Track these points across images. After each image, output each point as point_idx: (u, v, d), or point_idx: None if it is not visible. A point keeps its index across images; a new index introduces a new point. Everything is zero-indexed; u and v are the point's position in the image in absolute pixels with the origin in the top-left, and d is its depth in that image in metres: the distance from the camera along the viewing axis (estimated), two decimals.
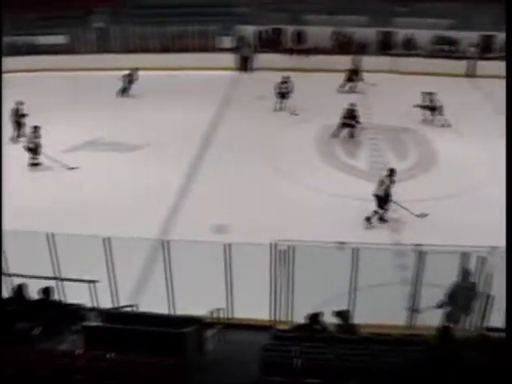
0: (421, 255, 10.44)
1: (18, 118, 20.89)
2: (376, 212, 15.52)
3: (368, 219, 15.45)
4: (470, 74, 28.93)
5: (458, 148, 20.52)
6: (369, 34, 29.99)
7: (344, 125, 21.11)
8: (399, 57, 29.51)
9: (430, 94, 22.43)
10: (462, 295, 10.75)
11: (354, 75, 26.66)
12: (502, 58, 28.60)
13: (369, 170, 18.69)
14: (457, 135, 21.65)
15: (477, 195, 16.99)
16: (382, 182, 15.48)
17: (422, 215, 15.51)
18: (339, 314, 9.81)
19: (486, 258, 10.15)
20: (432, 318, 10.59)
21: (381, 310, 11.05)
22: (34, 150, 18.72)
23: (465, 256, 10.39)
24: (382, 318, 10.74)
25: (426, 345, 8.11)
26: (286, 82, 23.81)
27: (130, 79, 25.81)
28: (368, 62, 28.01)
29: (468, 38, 29.84)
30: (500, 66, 28.05)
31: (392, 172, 15.58)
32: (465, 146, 20.71)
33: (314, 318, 9.47)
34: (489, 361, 7.52)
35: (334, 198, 16.68)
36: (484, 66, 28.55)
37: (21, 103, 20.87)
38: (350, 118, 21.05)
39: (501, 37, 29.50)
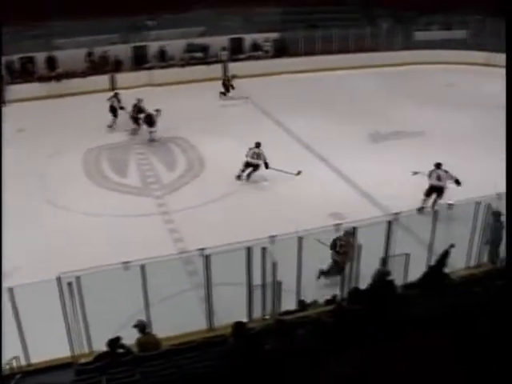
0: (207, 258, 10.64)
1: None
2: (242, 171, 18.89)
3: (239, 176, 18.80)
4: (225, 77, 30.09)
5: (222, 149, 21.26)
6: (123, 50, 29.96)
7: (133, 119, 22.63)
8: (154, 69, 29.93)
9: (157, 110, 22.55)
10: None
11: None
12: (253, 57, 31.06)
13: (142, 186, 18.73)
14: (220, 138, 22.38)
15: (246, 194, 17.98)
16: (257, 155, 18.83)
17: (299, 173, 18.78)
18: (136, 325, 9.74)
19: (266, 248, 10.63)
20: (229, 317, 10.85)
21: (180, 320, 11.13)
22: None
23: (249, 250, 10.76)
24: (182, 327, 10.81)
25: (225, 344, 8.32)
26: None
27: None
28: (125, 78, 28.10)
29: (219, 42, 31.26)
30: (251, 65, 30.26)
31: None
32: (227, 145, 21.49)
33: (114, 342, 9.26)
34: (287, 344, 7.94)
35: (112, 219, 16.49)
36: (235, 67, 29.89)
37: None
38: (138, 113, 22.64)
39: (248, 38, 31.45)
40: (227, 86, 27.88)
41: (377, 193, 17.76)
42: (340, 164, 20.01)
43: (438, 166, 16.78)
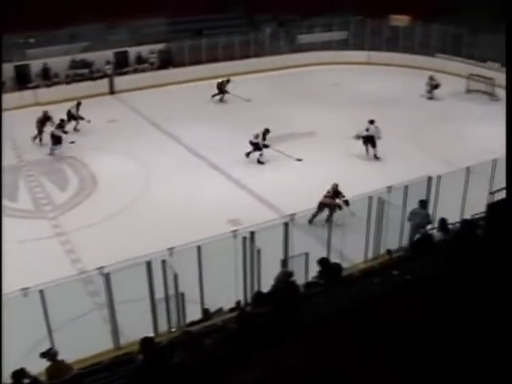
0: (107, 276, 10.47)
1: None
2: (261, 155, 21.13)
3: (258, 161, 21.10)
4: (112, 91, 29.66)
5: (114, 165, 20.99)
6: (5, 70, 28.79)
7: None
8: (38, 88, 29.07)
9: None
10: None
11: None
12: (139, 70, 30.81)
13: (35, 208, 18.21)
14: (111, 154, 22.07)
15: (142, 208, 17.86)
16: (257, 136, 21.13)
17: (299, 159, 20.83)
18: (45, 354, 9.41)
19: (165, 261, 10.58)
20: (136, 334, 10.72)
21: (86, 342, 10.89)
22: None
23: (149, 264, 10.66)
24: (89, 349, 10.58)
25: (133, 361, 8.23)
26: None
27: None
28: (9, 98, 27.18)
29: (103, 56, 30.79)
30: (137, 78, 30.00)
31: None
32: (119, 160, 21.23)
33: (19, 374, 8.93)
34: (195, 354, 7.95)
35: (7, 245, 15.88)
36: (122, 81, 29.54)
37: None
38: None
39: (133, 51, 31.16)
40: (222, 90, 28.44)
41: (272, 196, 18.07)
42: (234, 171, 20.21)
43: (371, 122, 21.36)
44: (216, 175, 20.21)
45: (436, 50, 35.24)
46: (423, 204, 14.11)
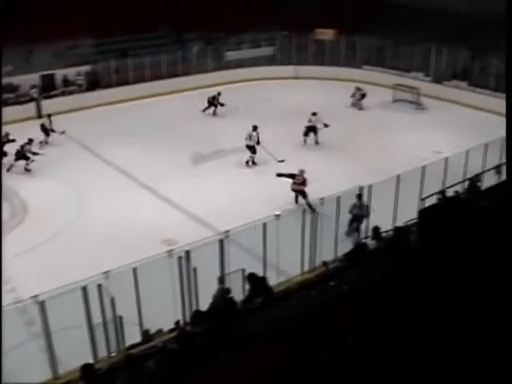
0: (42, 304, 10.26)
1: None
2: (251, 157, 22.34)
3: (247, 162, 22.27)
4: (40, 115, 29.04)
5: (44, 191, 20.59)
6: None
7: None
8: None
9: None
10: None
11: None
12: (66, 93, 30.33)
13: None
14: (41, 179, 21.67)
15: (73, 233, 17.59)
16: (250, 137, 22.41)
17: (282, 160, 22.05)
18: None
19: (101, 285, 10.45)
20: (75, 362, 10.53)
21: (23, 373, 10.61)
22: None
23: (84, 289, 10.50)
24: (27, 380, 10.32)
25: None
26: None
27: None
28: None
29: (29, 80, 30.05)
30: (64, 101, 29.53)
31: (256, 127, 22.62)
32: (49, 186, 20.88)
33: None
34: (137, 377, 7.88)
35: None
36: (49, 105, 29.04)
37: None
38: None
39: (60, 73, 30.66)
40: (214, 104, 29.10)
41: (205, 213, 18.10)
42: (165, 190, 20.14)
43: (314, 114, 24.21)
44: (147, 195, 20.10)
45: (362, 61, 36.04)
46: (359, 196, 15.91)
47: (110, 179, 21.40)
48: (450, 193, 15.68)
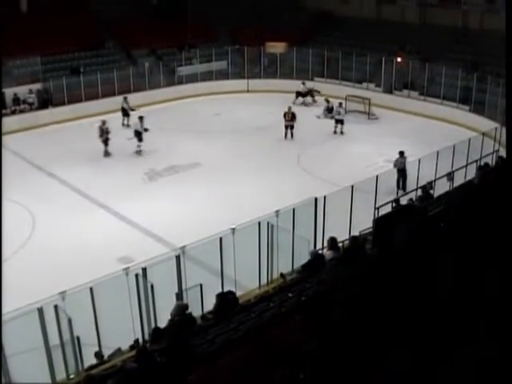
0: None
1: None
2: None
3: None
4: None
5: None
6: None
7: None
8: None
9: None
10: None
11: None
12: (17, 111, 29.81)
13: None
14: None
15: (29, 254, 17.41)
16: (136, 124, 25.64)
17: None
18: None
19: (57, 305, 10.30)
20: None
21: None
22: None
23: (40, 312, 10.33)
24: None
25: None
26: None
27: None
28: None
29: None
30: (16, 120, 29.03)
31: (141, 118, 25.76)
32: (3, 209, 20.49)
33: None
34: None
35: None
36: None
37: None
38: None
39: (10, 92, 30.18)
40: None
41: (160, 229, 18.07)
42: (120, 208, 20.02)
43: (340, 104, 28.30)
44: (103, 213, 19.95)
45: (314, 73, 36.38)
46: (402, 153, 21.12)
47: (64, 199, 21.15)
48: (403, 201, 15.92)
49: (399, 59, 33.39)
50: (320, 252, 13.31)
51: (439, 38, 33.62)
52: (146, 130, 25.88)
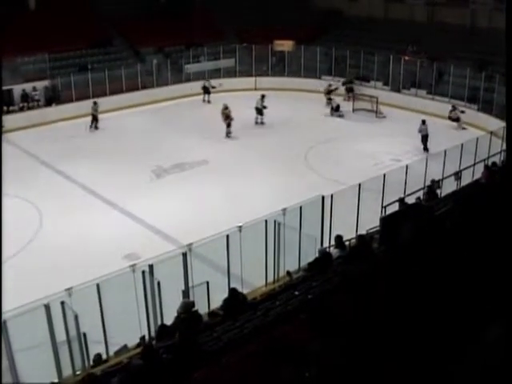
0: (3, 324, 10.07)
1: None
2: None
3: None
4: None
5: (6, 209, 20.15)
6: None
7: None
8: None
9: None
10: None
11: None
12: (25, 108, 29.83)
13: None
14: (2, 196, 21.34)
15: (30, 253, 17.36)
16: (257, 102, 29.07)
17: None
18: None
19: (64, 302, 10.32)
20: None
21: None
22: None
23: (47, 308, 10.35)
24: None
25: None
26: None
27: None
28: None
29: None
30: (23, 117, 29.08)
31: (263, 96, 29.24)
32: (11, 205, 20.53)
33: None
34: None
35: None
36: (8, 120, 28.56)
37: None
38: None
39: (18, 89, 30.19)
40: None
41: (167, 227, 18.06)
42: (127, 205, 20.06)
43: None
44: (110, 210, 19.99)
45: (322, 72, 36.35)
46: (423, 121, 25.41)
47: (72, 195, 21.19)
48: (411, 200, 15.87)
49: (406, 57, 33.38)
50: (327, 251, 13.29)
51: (447, 36, 33.52)
52: (264, 107, 29.16)
